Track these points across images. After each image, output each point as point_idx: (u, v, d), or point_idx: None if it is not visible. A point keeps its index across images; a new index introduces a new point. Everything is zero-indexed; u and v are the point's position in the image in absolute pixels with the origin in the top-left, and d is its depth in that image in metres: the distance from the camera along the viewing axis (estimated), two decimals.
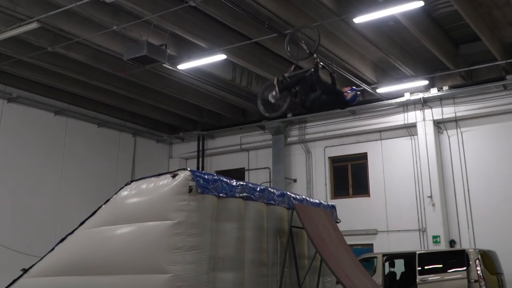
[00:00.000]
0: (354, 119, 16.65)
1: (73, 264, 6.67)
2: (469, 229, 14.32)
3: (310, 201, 8.72)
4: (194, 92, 16.50)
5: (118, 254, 6.21)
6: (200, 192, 6.00)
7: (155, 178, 6.38)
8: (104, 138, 18.03)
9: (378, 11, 10.63)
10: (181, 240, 5.78)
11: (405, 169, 15.61)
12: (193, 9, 11.27)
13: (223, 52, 12.70)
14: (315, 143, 17.53)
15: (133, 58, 11.60)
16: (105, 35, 12.11)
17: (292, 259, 7.40)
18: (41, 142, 15.88)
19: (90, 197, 14.54)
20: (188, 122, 19.58)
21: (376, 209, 15.84)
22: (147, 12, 10.82)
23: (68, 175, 16.44)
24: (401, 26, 11.89)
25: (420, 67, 14.68)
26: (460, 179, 14.77)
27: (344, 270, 7.09)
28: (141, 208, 6.28)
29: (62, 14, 11.00)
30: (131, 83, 15.32)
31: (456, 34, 13.71)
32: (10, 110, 15.16)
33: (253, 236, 6.80)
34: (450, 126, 15.23)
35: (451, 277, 11.10)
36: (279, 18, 11.17)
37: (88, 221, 6.88)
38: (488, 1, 11.51)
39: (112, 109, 17.61)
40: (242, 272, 6.47)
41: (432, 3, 11.91)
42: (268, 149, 18.16)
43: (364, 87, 15.01)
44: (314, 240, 7.07)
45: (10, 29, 11.17)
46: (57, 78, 14.86)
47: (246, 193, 6.76)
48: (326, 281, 8.31)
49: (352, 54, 13.70)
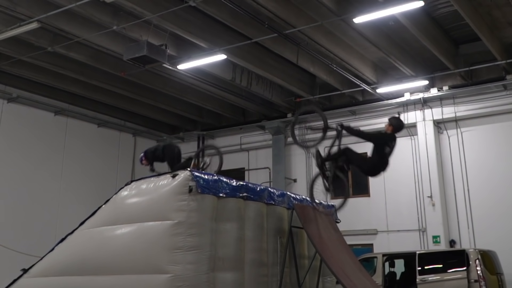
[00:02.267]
0: (354, 119, 16.63)
1: (73, 264, 6.68)
2: (469, 229, 14.31)
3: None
4: (194, 92, 16.50)
5: (118, 254, 6.21)
6: (200, 192, 6.01)
7: (155, 178, 6.39)
8: (104, 138, 18.03)
9: (378, 11, 10.62)
10: (181, 240, 5.79)
11: (405, 169, 15.59)
12: (193, 9, 11.27)
13: (223, 52, 12.69)
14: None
15: (133, 58, 11.59)
16: (105, 35, 12.11)
17: (292, 259, 7.41)
18: (41, 142, 15.88)
19: (90, 197, 14.54)
20: (188, 122, 19.58)
21: (376, 209, 15.83)
22: (147, 12, 10.82)
23: (68, 175, 16.44)
24: (401, 26, 11.89)
25: (420, 67, 14.68)
26: (460, 179, 14.76)
27: (344, 270, 7.09)
28: (141, 208, 6.29)
29: (62, 14, 11.00)
30: (131, 83, 15.31)
31: (456, 34, 13.70)
32: (10, 110, 15.16)
33: (253, 236, 6.81)
34: (450, 126, 15.22)
35: (451, 277, 11.09)
36: (279, 18, 11.17)
37: (88, 221, 6.88)
38: (488, 1, 11.51)
39: (112, 109, 17.61)
40: (242, 272, 6.47)
41: (432, 3, 11.90)
42: (268, 149, 18.15)
43: (364, 87, 15.01)
44: (314, 240, 7.07)
45: (10, 29, 11.17)
46: (57, 78, 14.86)
47: (246, 193, 6.77)
48: (326, 281, 8.32)
49: (352, 54, 13.69)
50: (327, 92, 16.15)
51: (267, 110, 17.67)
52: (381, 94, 15.56)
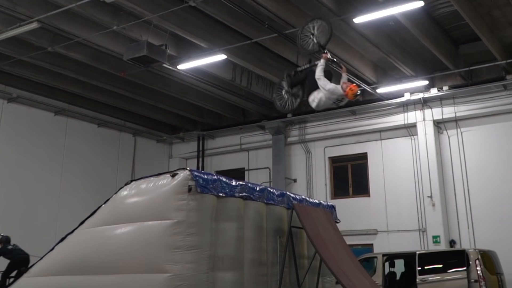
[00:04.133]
0: (354, 119, 16.65)
1: (73, 263, 6.68)
2: (469, 229, 14.32)
3: (310, 201, 8.73)
4: (194, 92, 16.50)
5: (118, 253, 6.21)
6: (200, 192, 6.01)
7: (154, 178, 6.39)
8: (104, 138, 18.03)
9: (378, 11, 10.63)
10: (181, 240, 5.79)
11: (405, 169, 15.60)
12: (193, 9, 11.28)
13: (223, 52, 12.70)
14: (315, 143, 17.53)
15: (133, 58, 11.61)
16: (105, 35, 12.12)
17: (291, 259, 7.41)
18: (41, 142, 15.88)
19: (90, 197, 14.55)
20: (188, 122, 19.59)
21: (376, 209, 15.84)
22: (147, 12, 10.83)
23: (68, 175, 16.44)
24: (401, 26, 11.89)
25: (420, 67, 14.68)
26: (460, 179, 14.77)
27: (344, 270, 7.09)
28: (141, 208, 6.29)
29: (62, 14, 11.01)
30: (131, 83, 15.32)
31: (456, 34, 13.70)
32: (10, 110, 15.16)
33: (253, 236, 6.81)
34: (450, 126, 15.23)
35: (451, 277, 11.08)
36: (279, 18, 11.17)
37: (88, 220, 6.89)
38: (488, 1, 11.51)
39: (112, 109, 17.61)
40: (242, 272, 6.47)
41: (432, 3, 11.91)
42: (268, 149, 18.16)
43: (364, 87, 15.01)
44: (314, 240, 7.07)
45: (10, 29, 11.18)
46: (57, 78, 14.86)
47: (245, 193, 6.77)
48: (325, 281, 8.32)
49: (352, 54, 13.70)
50: None
51: (267, 110, 17.67)
52: (381, 94, 15.57)
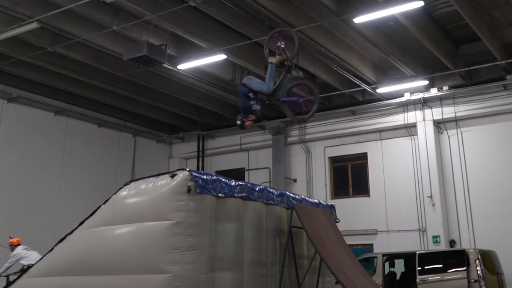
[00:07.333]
0: (354, 119, 16.65)
1: (72, 264, 6.67)
2: (469, 229, 14.31)
3: (310, 201, 8.71)
4: (194, 92, 16.50)
5: (117, 254, 6.20)
6: (199, 192, 5.99)
7: (154, 178, 6.37)
8: (104, 138, 18.03)
9: (378, 11, 10.62)
10: (180, 240, 5.77)
11: (405, 169, 15.60)
12: (193, 9, 11.28)
13: (223, 52, 12.70)
14: (315, 143, 17.53)
15: (133, 58, 11.60)
16: (105, 35, 12.12)
17: (291, 259, 7.39)
18: (41, 142, 15.89)
19: (90, 197, 14.54)
20: (188, 122, 19.58)
21: (376, 209, 15.84)
22: (147, 12, 10.82)
23: (68, 175, 16.45)
24: (401, 26, 11.88)
25: (420, 67, 14.67)
26: (460, 179, 14.77)
27: (344, 270, 7.08)
28: (140, 208, 6.28)
29: (62, 14, 11.01)
30: (131, 83, 15.32)
31: (456, 34, 13.70)
32: (10, 110, 15.17)
33: (252, 236, 6.79)
34: (450, 126, 15.23)
35: (451, 277, 11.09)
36: (279, 18, 11.16)
37: (88, 221, 6.87)
38: (488, 1, 11.50)
39: (112, 109, 17.61)
40: (241, 272, 6.46)
41: (432, 3, 11.90)
42: (268, 149, 18.16)
43: (364, 87, 15.01)
44: (314, 240, 7.06)
45: (10, 29, 11.18)
46: (57, 78, 14.86)
47: (245, 193, 6.75)
48: (325, 281, 8.30)
49: (352, 54, 13.69)
50: (327, 92, 16.13)
51: (267, 110, 17.64)
52: (381, 94, 15.56)
